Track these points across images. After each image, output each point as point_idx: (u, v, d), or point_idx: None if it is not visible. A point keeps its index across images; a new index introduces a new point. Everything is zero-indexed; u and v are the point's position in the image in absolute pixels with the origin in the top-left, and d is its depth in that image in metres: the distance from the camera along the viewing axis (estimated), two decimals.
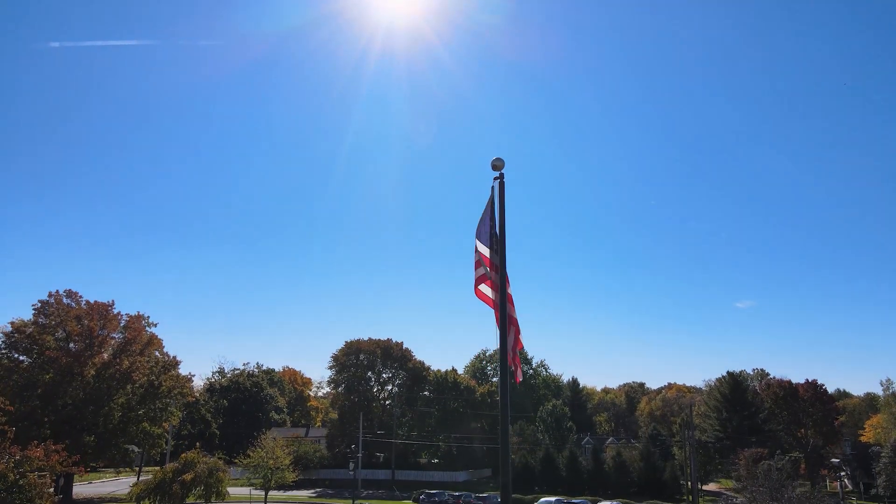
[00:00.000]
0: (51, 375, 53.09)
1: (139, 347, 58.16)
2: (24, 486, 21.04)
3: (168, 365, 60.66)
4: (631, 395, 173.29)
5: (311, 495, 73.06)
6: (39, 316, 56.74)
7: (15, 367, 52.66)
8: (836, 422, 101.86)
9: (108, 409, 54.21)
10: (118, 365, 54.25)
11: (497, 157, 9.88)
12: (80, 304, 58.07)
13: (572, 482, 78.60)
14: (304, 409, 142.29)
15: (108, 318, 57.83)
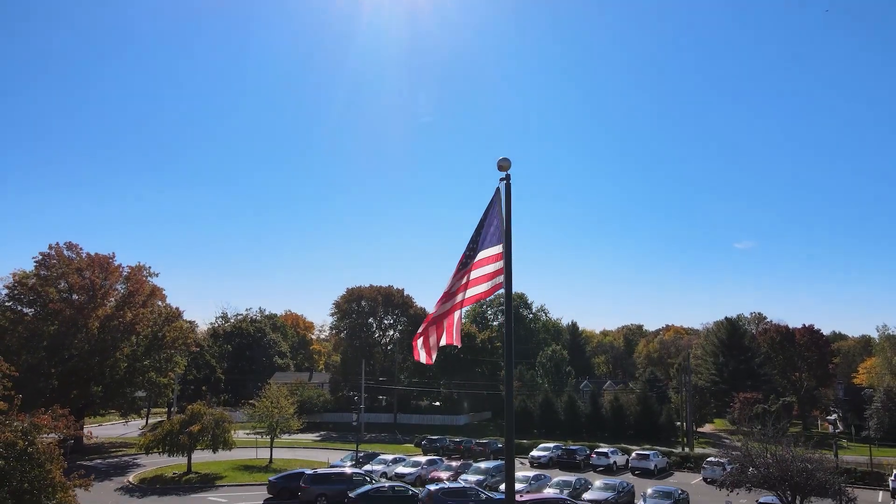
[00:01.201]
0: (55, 327, 53.50)
1: (141, 299, 58.39)
2: (33, 453, 21.25)
3: (171, 316, 61.08)
4: (629, 338, 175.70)
5: (316, 439, 74.86)
6: (41, 268, 56.74)
7: (19, 319, 53.00)
8: (830, 365, 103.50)
9: (114, 360, 54.91)
10: (121, 317, 54.60)
11: (503, 158, 9.49)
12: (80, 257, 57.99)
13: (570, 426, 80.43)
14: (307, 353, 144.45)
15: (110, 270, 57.86)
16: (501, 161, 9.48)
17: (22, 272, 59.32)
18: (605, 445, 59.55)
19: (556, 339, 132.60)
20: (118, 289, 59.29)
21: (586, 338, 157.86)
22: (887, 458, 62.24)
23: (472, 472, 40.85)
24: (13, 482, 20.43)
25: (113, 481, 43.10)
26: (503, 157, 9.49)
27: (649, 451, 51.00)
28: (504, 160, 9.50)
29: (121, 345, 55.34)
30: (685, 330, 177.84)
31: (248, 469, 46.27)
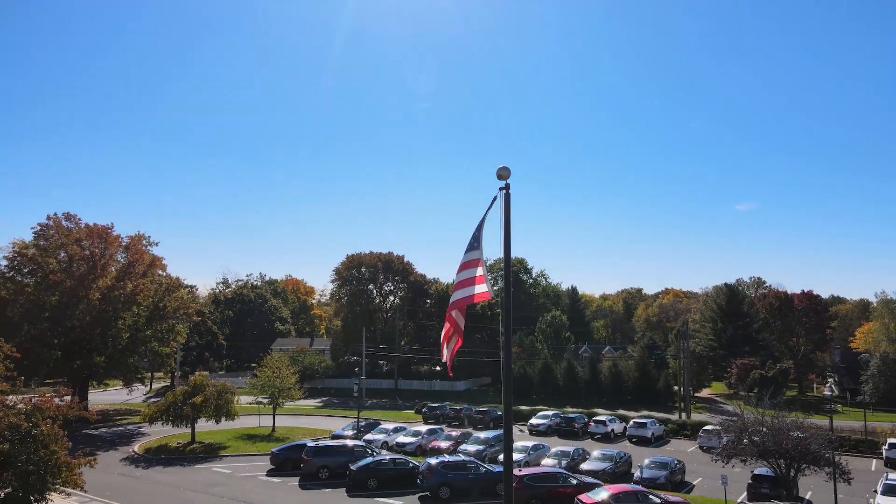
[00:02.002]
0: (56, 297, 53.64)
1: (142, 269, 58.40)
2: (38, 435, 21.49)
3: (172, 286, 61.19)
4: (629, 302, 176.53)
5: (318, 405, 75.79)
6: (39, 239, 56.62)
7: (20, 291, 53.09)
8: (828, 330, 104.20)
9: (116, 330, 55.19)
10: (122, 288, 54.68)
11: (503, 167, 9.29)
12: (79, 227, 57.80)
13: (569, 392, 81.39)
14: (308, 318, 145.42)
15: (109, 240, 57.72)
16: (501, 170, 9.30)
17: (21, 242, 59.22)
18: (603, 413, 60.32)
19: (556, 304, 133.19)
20: (118, 259, 59.27)
21: (586, 302, 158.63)
22: (881, 423, 63.06)
23: (471, 443, 41.40)
24: (18, 464, 20.69)
25: (119, 451, 43.75)
26: (503, 167, 9.31)
27: (646, 420, 51.63)
28: (503, 169, 9.31)
29: (122, 315, 55.56)
30: (684, 293, 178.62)
31: (251, 438, 46.91)
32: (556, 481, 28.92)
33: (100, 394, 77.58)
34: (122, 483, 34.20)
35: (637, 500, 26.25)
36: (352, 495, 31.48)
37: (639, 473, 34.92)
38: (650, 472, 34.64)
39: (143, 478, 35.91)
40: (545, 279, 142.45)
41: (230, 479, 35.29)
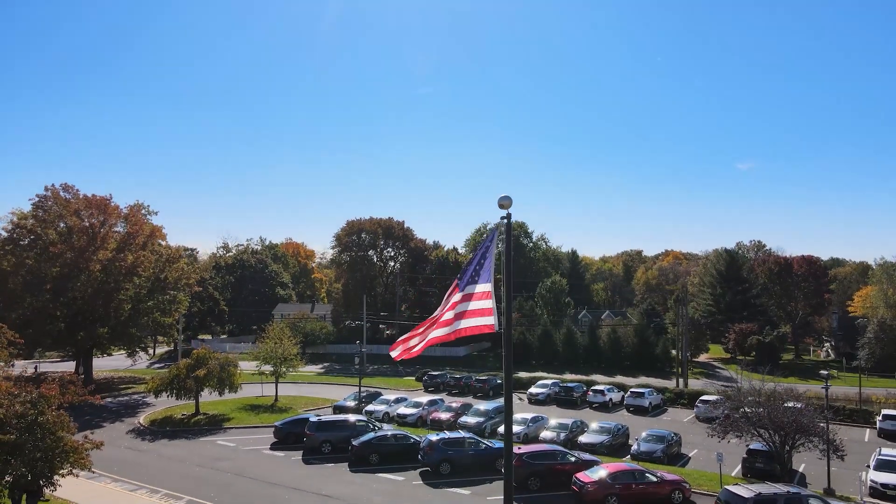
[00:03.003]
0: (58, 269, 53.72)
1: (142, 240, 58.33)
2: (44, 422, 21.75)
3: (172, 257, 61.17)
4: (628, 264, 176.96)
5: (319, 371, 76.69)
6: (38, 210, 56.41)
7: (21, 263, 53.12)
8: (826, 295, 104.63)
9: (118, 302, 55.40)
10: (123, 260, 54.70)
11: (504, 196, 9.21)
12: (77, 198, 57.52)
13: (568, 358, 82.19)
14: (309, 282, 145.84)
15: (108, 211, 57.48)
16: (502, 200, 9.22)
17: (20, 212, 59.03)
18: (601, 381, 61.02)
19: (556, 268, 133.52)
20: (118, 230, 59.14)
21: (586, 265, 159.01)
22: (877, 389, 63.83)
23: (471, 415, 41.98)
24: (26, 452, 20.99)
25: (124, 422, 44.45)
26: (504, 196, 9.22)
27: (644, 390, 52.22)
28: (505, 199, 9.25)
29: (124, 287, 55.71)
30: (684, 255, 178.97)
31: (254, 409, 47.55)
32: (555, 459, 29.41)
33: (103, 360, 78.38)
34: (128, 457, 34.80)
35: (634, 479, 26.76)
36: (354, 470, 32.09)
37: (636, 447, 35.49)
38: (647, 446, 35.22)
39: (148, 451, 36.56)
40: (545, 243, 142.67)
41: (235, 452, 35.93)
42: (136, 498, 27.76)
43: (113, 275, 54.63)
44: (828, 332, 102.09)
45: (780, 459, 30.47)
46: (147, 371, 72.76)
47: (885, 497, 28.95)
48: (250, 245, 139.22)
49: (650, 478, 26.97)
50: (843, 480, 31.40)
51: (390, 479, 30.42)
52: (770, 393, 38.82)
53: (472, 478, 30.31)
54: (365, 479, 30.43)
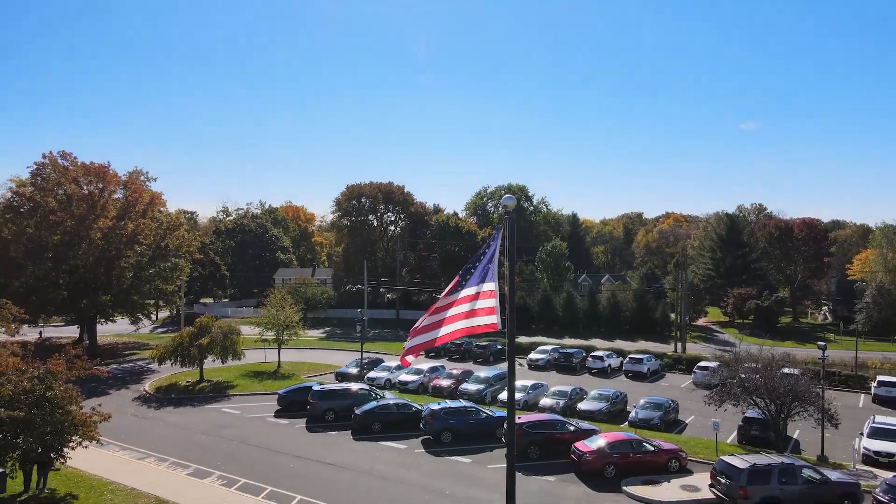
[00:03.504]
0: (58, 237, 53.77)
1: (141, 208, 58.22)
2: (52, 397, 22.09)
3: (172, 225, 61.14)
4: (629, 227, 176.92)
5: (321, 336, 77.37)
6: (36, 177, 56.18)
7: (22, 231, 53.12)
8: (825, 258, 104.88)
9: (119, 270, 55.60)
10: (123, 228, 54.71)
11: (508, 196, 9.32)
12: (75, 165, 57.21)
13: (568, 322, 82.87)
14: (309, 245, 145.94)
15: (107, 178, 57.23)
16: (506, 200, 9.31)
17: (18, 179, 58.85)
18: (601, 346, 61.68)
19: (556, 231, 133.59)
20: (117, 197, 58.98)
21: (586, 228, 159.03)
22: (873, 353, 64.43)
23: (472, 382, 42.55)
24: (35, 428, 21.38)
25: (130, 389, 45.08)
26: (508, 196, 9.33)
27: (642, 356, 52.78)
28: (508, 198, 9.34)
29: (124, 255, 55.83)
30: (685, 217, 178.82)
31: (257, 376, 48.16)
32: (554, 428, 29.94)
33: (107, 325, 79.01)
34: (135, 425, 35.43)
35: (631, 448, 27.28)
36: (357, 438, 32.70)
37: (634, 414, 36.04)
38: (645, 413, 35.79)
39: (154, 419, 37.19)
40: (546, 206, 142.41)
41: (239, 420, 36.56)
42: (144, 466, 28.37)
43: (114, 243, 54.71)
44: (826, 295, 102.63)
45: (775, 427, 30.99)
46: (150, 336, 73.49)
47: (878, 464, 29.53)
48: (250, 209, 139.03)
49: (647, 447, 27.49)
50: (837, 447, 32.05)
51: (393, 448, 31.03)
52: (767, 359, 39.24)
53: (472, 446, 30.94)
54: (368, 448, 31.04)
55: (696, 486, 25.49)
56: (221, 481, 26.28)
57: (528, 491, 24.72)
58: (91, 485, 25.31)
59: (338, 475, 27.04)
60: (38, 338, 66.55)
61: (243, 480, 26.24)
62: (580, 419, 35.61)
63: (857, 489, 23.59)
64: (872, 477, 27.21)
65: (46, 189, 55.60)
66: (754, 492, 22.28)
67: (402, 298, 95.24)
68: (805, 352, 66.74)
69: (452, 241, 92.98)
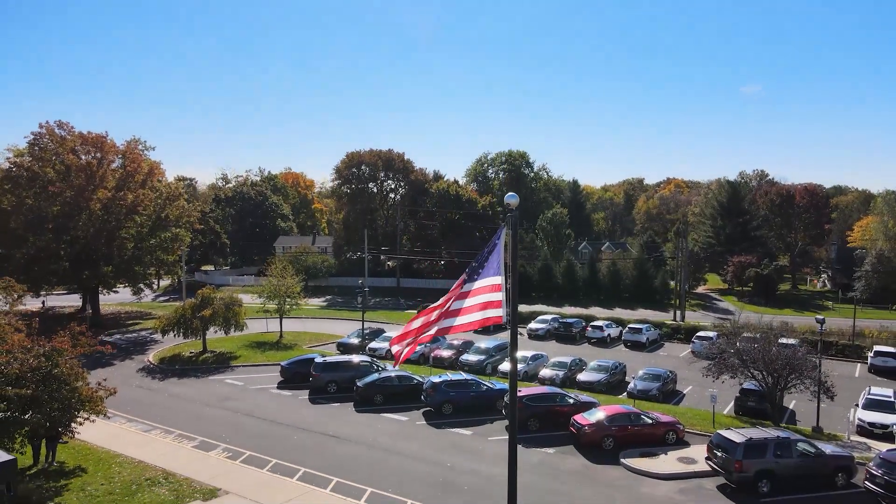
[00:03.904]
0: (58, 208, 53.70)
1: (140, 178, 57.99)
2: (58, 374, 22.36)
3: (172, 196, 60.98)
4: (630, 193, 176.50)
5: (322, 304, 77.85)
6: (34, 147, 55.82)
7: (21, 202, 53.00)
8: (826, 226, 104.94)
9: (120, 241, 55.67)
10: (122, 199, 54.59)
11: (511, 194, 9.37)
12: (72, 134, 56.79)
13: (568, 290, 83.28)
14: (309, 212, 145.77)
15: (105, 148, 56.88)
16: (509, 198, 9.40)
17: (16, 148, 58.51)
18: (600, 315, 62.10)
19: (557, 198, 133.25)
20: (116, 167, 58.70)
21: (587, 195, 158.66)
22: (870, 321, 64.82)
23: (472, 352, 42.96)
24: (43, 404, 21.70)
25: (134, 360, 45.56)
26: (511, 194, 9.43)
27: (642, 325, 53.20)
28: (511, 196, 9.41)
29: (125, 226, 55.83)
30: (686, 183, 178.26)
31: (259, 346, 48.61)
32: (554, 401, 30.35)
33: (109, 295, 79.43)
34: (140, 396, 35.88)
35: (630, 421, 27.71)
36: (359, 410, 33.17)
37: (632, 385, 36.54)
38: (643, 384, 36.25)
39: (159, 390, 37.67)
40: (546, 173, 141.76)
41: (243, 391, 37.04)
42: (150, 439, 28.85)
43: (114, 214, 54.68)
44: (826, 263, 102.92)
45: (771, 399, 31.40)
46: (153, 305, 73.95)
47: (872, 435, 30.03)
48: (249, 176, 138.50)
49: (645, 420, 27.92)
50: (832, 417, 32.50)
51: (394, 420, 31.51)
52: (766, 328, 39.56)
53: (473, 418, 31.42)
54: (370, 420, 31.52)
55: (693, 458, 25.98)
56: (227, 454, 26.77)
57: (528, 462, 25.20)
58: (99, 457, 25.79)
59: (341, 447, 27.52)
60: (40, 307, 67.03)
61: (248, 453, 26.72)
62: (579, 390, 36.16)
63: (851, 462, 24.04)
64: (866, 449, 27.70)
65: (45, 159, 55.33)
66: (750, 465, 22.70)
67: (402, 267, 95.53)
68: (803, 320, 67.22)
69: (453, 209, 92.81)
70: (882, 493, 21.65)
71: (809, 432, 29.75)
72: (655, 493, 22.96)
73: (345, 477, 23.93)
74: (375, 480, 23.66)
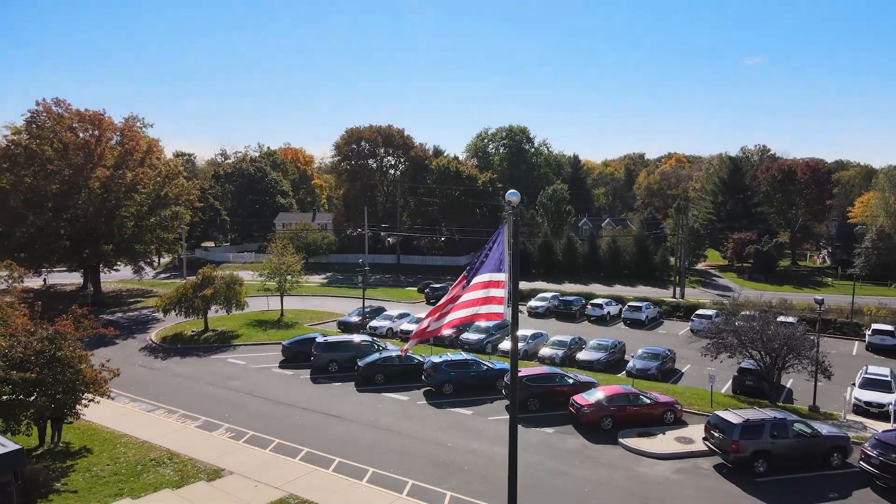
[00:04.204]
0: (57, 186, 53.57)
1: (139, 156, 57.76)
2: (62, 357, 22.55)
3: (171, 174, 60.78)
4: (630, 168, 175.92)
5: (322, 282, 78.10)
6: (31, 125, 55.47)
7: (20, 180, 52.82)
8: (827, 202, 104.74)
9: (120, 220, 55.64)
10: (121, 178, 54.42)
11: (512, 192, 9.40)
12: (70, 112, 56.41)
13: (568, 267, 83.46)
14: (309, 188, 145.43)
15: (103, 126, 56.54)
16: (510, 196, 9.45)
17: (14, 126, 58.16)
18: (600, 291, 62.35)
19: (557, 174, 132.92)
20: (114, 145, 58.41)
21: (587, 170, 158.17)
22: (869, 297, 65.07)
23: (473, 331, 43.19)
24: (47, 387, 21.92)
25: (136, 339, 45.86)
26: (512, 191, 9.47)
27: (641, 303, 53.41)
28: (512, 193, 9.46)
29: (124, 204, 55.74)
30: (687, 158, 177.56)
31: (261, 325, 48.87)
32: (553, 381, 30.63)
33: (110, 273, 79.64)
34: (143, 376, 36.21)
35: (628, 401, 27.99)
36: (361, 389, 33.49)
37: (631, 364, 36.80)
38: (642, 363, 36.52)
39: (162, 369, 37.99)
40: (547, 148, 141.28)
41: (245, 371, 37.35)
42: (154, 419, 29.17)
43: (113, 192, 54.56)
44: (826, 239, 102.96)
45: (769, 379, 31.69)
46: (154, 282, 74.17)
47: (868, 414, 30.34)
48: (248, 152, 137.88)
49: (644, 400, 28.20)
50: (829, 396, 32.80)
51: (395, 399, 31.83)
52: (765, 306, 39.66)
53: (473, 397, 31.74)
54: (371, 399, 31.84)
55: (691, 437, 26.30)
56: (230, 434, 27.11)
57: (528, 442, 25.50)
58: (104, 438, 26.10)
59: (342, 427, 27.85)
60: (42, 285, 67.24)
61: (251, 432, 27.06)
62: (579, 369, 36.49)
63: (847, 442, 24.34)
64: (862, 428, 28.01)
65: (42, 137, 55.04)
66: (746, 446, 23.00)
67: (402, 244, 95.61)
68: (802, 297, 67.47)
69: (453, 186, 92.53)
70: (877, 474, 21.96)
71: (806, 411, 30.08)
72: (653, 473, 23.30)
73: (346, 457, 24.28)
74: (377, 460, 24.00)
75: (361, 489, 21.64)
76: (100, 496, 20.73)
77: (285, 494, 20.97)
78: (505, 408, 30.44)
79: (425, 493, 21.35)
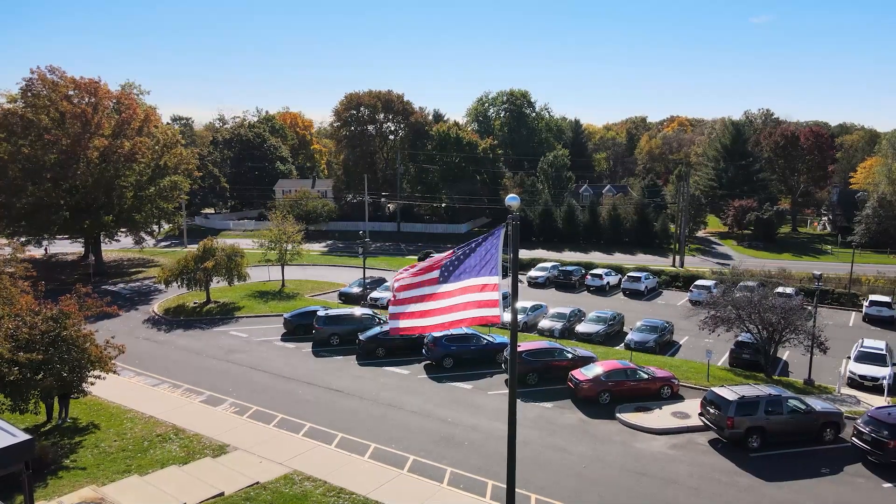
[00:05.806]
0: (55, 156, 53.25)
1: (137, 125, 57.24)
2: (67, 337, 22.81)
3: (170, 143, 60.31)
4: (632, 132, 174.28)
5: (323, 250, 78.18)
6: (27, 94, 54.81)
7: (17, 152, 52.45)
8: (830, 167, 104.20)
9: (119, 190, 55.44)
10: (120, 147, 54.03)
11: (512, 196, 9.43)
12: (65, 80, 55.68)
13: (568, 235, 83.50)
14: (308, 153, 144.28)
15: (99, 94, 55.86)
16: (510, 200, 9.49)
17: (9, 94, 57.54)
18: (600, 260, 62.53)
19: (558, 139, 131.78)
20: (111, 114, 57.83)
21: (589, 134, 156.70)
22: (868, 266, 65.30)
23: None
24: (54, 368, 22.23)
25: (139, 311, 46.18)
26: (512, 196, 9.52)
27: (640, 274, 53.58)
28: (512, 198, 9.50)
29: (123, 174, 55.47)
30: (689, 121, 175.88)
31: (262, 296, 49.13)
32: (552, 356, 30.99)
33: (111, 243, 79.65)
34: (147, 349, 36.57)
35: (626, 377, 28.38)
36: (362, 363, 33.90)
37: (630, 336, 37.15)
38: (640, 336, 36.87)
39: (165, 343, 38.36)
40: (548, 112, 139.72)
41: (247, 344, 37.73)
42: (160, 393, 29.62)
43: (112, 162, 54.23)
44: (827, 205, 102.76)
45: (765, 352, 32.07)
46: (155, 251, 74.24)
47: (863, 388, 30.78)
48: (246, 117, 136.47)
49: (641, 375, 28.60)
50: (825, 369, 33.26)
51: (396, 373, 32.25)
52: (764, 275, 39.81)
53: (473, 371, 32.17)
54: (372, 373, 32.26)
55: (687, 412, 26.74)
56: (234, 408, 27.57)
57: (526, 417, 25.98)
58: (111, 413, 26.54)
59: (344, 402, 28.31)
60: (43, 255, 67.40)
61: (255, 407, 27.53)
62: (578, 342, 36.89)
63: (840, 418, 24.76)
64: (856, 402, 28.47)
65: (38, 106, 54.43)
66: (741, 422, 23.42)
67: (402, 211, 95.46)
68: (802, 265, 67.79)
69: (453, 153, 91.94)
70: (868, 450, 22.43)
71: (801, 384, 30.53)
72: (649, 448, 23.77)
73: (349, 432, 24.75)
74: (378, 435, 24.48)
75: (364, 465, 22.11)
76: (108, 473, 21.20)
77: (289, 470, 21.44)
78: (504, 382, 30.87)
79: (426, 468, 21.84)
